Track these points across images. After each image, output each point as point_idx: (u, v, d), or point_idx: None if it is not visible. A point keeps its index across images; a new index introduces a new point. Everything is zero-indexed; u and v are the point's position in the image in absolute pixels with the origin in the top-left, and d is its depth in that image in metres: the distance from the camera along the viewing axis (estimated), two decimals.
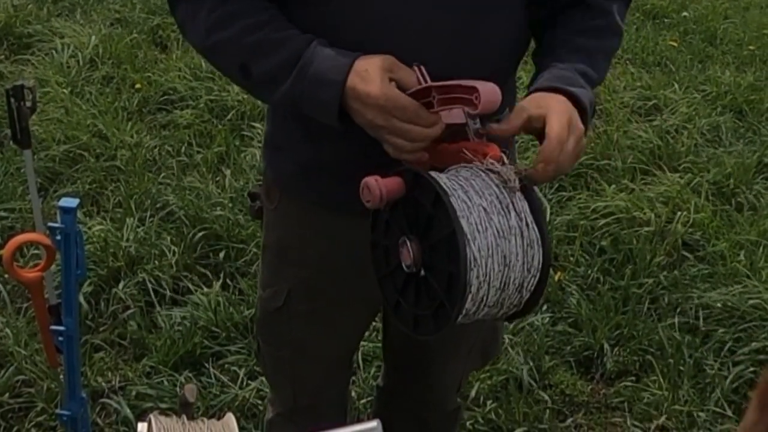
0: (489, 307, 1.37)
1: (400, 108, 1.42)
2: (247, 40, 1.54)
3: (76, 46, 5.22)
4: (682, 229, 3.86)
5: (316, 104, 1.49)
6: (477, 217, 1.34)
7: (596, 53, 1.67)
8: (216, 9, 1.56)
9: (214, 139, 4.40)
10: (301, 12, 1.57)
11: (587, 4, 1.69)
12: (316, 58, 1.48)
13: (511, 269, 1.35)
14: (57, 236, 2.02)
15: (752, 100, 5.19)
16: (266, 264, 1.97)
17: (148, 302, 3.35)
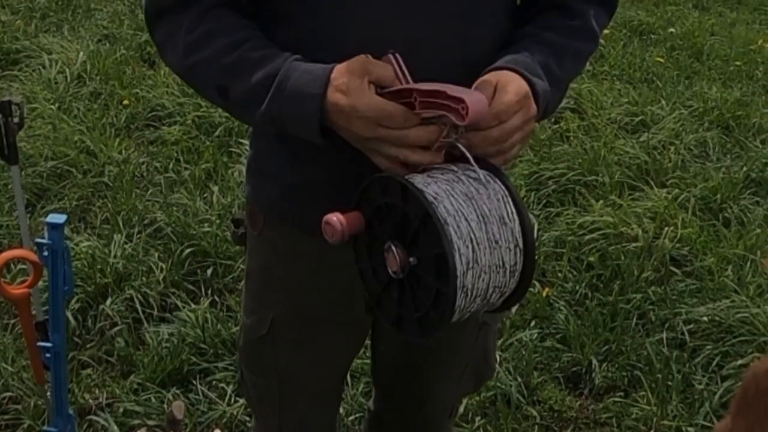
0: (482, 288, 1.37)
1: (388, 116, 1.38)
2: (224, 60, 1.51)
3: (64, 62, 5.22)
4: (669, 244, 3.86)
5: (297, 121, 1.45)
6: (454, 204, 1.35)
7: (563, 50, 1.63)
8: (193, 30, 1.53)
9: (201, 155, 4.39)
10: (283, 28, 1.56)
11: (563, 6, 1.67)
12: (293, 73, 1.45)
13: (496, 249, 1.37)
14: (44, 252, 2.02)
15: (739, 116, 5.21)
16: (250, 291, 1.93)
17: (136, 319, 3.34)
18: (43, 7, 6.21)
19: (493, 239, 1.36)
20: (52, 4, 6.26)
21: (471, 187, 1.38)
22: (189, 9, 1.54)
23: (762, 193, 4.44)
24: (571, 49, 1.65)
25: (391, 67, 1.42)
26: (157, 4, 1.58)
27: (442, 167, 1.42)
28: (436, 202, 1.34)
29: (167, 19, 1.57)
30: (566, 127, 4.89)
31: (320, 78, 1.42)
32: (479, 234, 1.35)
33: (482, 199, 1.37)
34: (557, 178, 4.33)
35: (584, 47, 1.68)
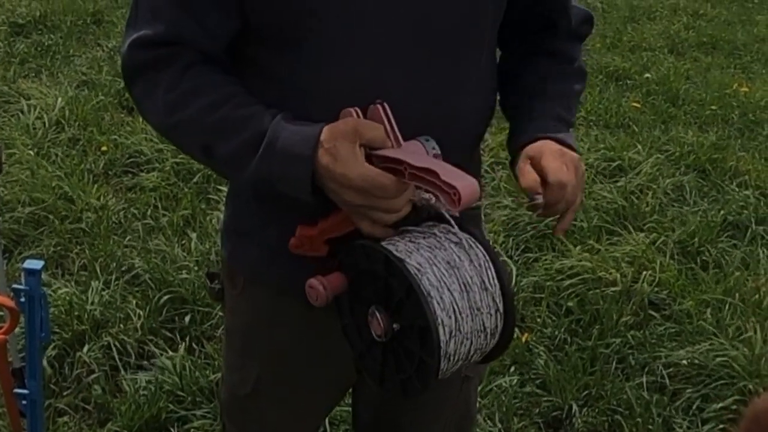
0: (464, 352, 1.39)
1: (381, 188, 1.37)
2: (208, 119, 1.49)
3: (43, 107, 5.22)
4: (648, 288, 3.87)
5: (288, 180, 1.44)
6: (437, 275, 1.37)
7: (569, 97, 1.73)
8: (173, 88, 1.51)
9: (180, 202, 4.39)
10: (264, 81, 1.55)
11: (558, 52, 1.75)
12: (281, 133, 1.44)
13: (478, 315, 1.39)
14: (21, 299, 2.00)
15: (715, 159, 5.25)
16: (232, 348, 1.91)
17: (113, 366, 3.32)
18: (22, 52, 6.21)
19: (475, 306, 1.38)
20: (31, 50, 6.27)
21: (453, 255, 1.40)
22: (168, 66, 1.52)
23: (739, 236, 4.46)
24: (573, 92, 1.75)
25: (382, 129, 1.42)
26: (135, 59, 1.55)
27: (423, 230, 1.44)
28: (420, 274, 1.35)
29: (145, 76, 1.55)
30: None
31: (310, 139, 1.41)
32: (462, 303, 1.37)
33: (464, 266, 1.39)
34: (535, 223, 4.33)
35: (581, 87, 1.79)
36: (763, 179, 5.07)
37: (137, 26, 1.55)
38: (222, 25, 1.53)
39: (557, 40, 1.77)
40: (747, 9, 9.40)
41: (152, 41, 1.52)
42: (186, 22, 1.51)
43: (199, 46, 1.53)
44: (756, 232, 4.47)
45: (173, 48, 1.52)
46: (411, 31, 1.51)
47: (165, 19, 1.51)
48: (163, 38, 1.51)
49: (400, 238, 1.42)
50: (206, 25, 1.51)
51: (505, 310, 1.42)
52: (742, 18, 8.94)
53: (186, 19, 1.51)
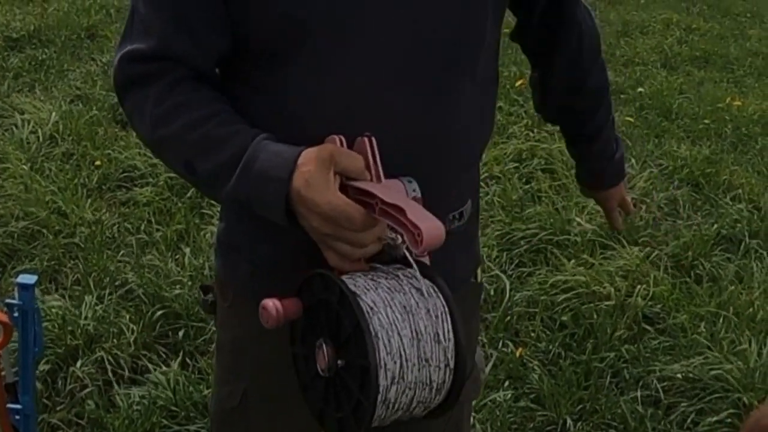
0: (405, 402, 1.35)
1: (347, 218, 1.35)
2: (191, 136, 1.48)
3: (36, 122, 5.22)
4: (642, 302, 3.87)
5: (262, 203, 1.43)
6: (389, 317, 1.34)
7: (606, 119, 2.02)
8: (161, 103, 1.51)
9: (173, 216, 4.38)
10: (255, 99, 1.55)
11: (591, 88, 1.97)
12: (260, 154, 1.43)
13: (425, 367, 1.35)
14: (14, 313, 2.00)
15: (708, 173, 5.26)
16: (221, 363, 1.91)
17: (106, 381, 3.31)
18: (16, 67, 6.22)
19: (424, 357, 1.34)
20: (25, 64, 6.27)
21: (411, 299, 1.36)
22: (158, 81, 1.52)
23: (733, 249, 4.47)
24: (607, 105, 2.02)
25: (361, 159, 1.40)
26: (126, 73, 1.56)
27: (388, 271, 1.41)
28: (371, 312, 1.32)
29: (136, 89, 1.55)
30: (537, 187, 4.91)
31: (287, 162, 1.40)
32: (410, 351, 1.33)
33: (420, 314, 1.35)
34: (529, 237, 4.34)
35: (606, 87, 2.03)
36: (757, 193, 5.08)
37: (130, 40, 1.55)
38: (213, 41, 1.53)
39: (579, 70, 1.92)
40: (739, 23, 9.44)
41: (143, 55, 1.52)
42: (177, 38, 1.51)
43: (190, 62, 1.53)
44: (750, 246, 4.47)
45: (164, 63, 1.52)
46: (403, 49, 1.50)
47: (157, 34, 1.51)
48: (154, 53, 1.51)
49: (363, 275, 1.39)
50: (198, 42, 1.51)
51: (456, 367, 1.36)
52: (734, 32, 8.98)
53: (177, 34, 1.50)
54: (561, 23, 1.82)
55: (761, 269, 4.26)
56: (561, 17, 1.81)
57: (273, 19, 1.48)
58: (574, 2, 1.81)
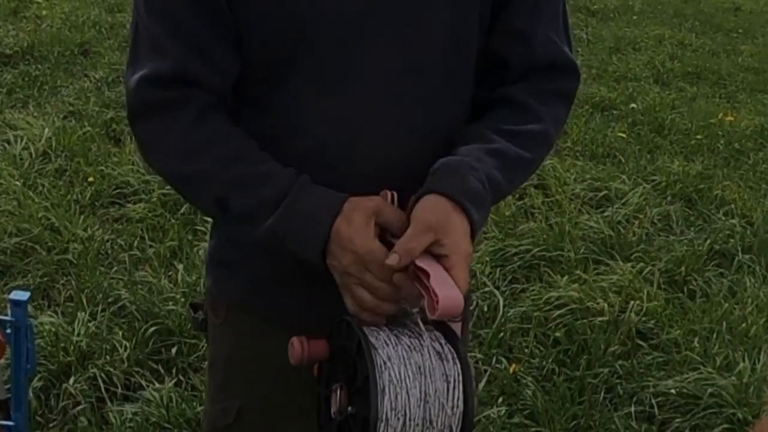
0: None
1: (378, 263, 1.39)
2: (225, 173, 1.48)
3: (29, 138, 5.21)
4: (635, 318, 3.87)
5: (300, 241, 1.45)
6: (401, 374, 1.35)
7: (517, 163, 1.58)
8: (187, 136, 1.50)
9: (166, 233, 4.38)
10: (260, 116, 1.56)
11: (521, 105, 1.61)
12: (302, 196, 1.45)
13: (429, 429, 1.36)
14: (7, 330, 1.99)
15: (701, 189, 5.28)
16: (214, 379, 1.89)
17: (99, 398, 3.29)
18: (9, 83, 6.22)
19: (428, 420, 1.35)
20: (18, 80, 6.27)
21: (428, 361, 1.38)
22: (180, 111, 1.51)
23: (726, 264, 4.47)
24: (524, 160, 1.60)
25: (399, 216, 1.44)
26: (144, 99, 1.53)
27: (413, 329, 1.43)
28: (384, 367, 1.34)
29: (154, 118, 1.53)
30: (530, 203, 4.92)
31: (333, 205, 1.44)
32: (415, 411, 1.34)
33: (435, 377, 1.37)
34: (522, 254, 4.34)
35: (537, 155, 1.63)
36: (749, 208, 5.09)
37: (141, 62, 1.52)
38: (229, 62, 1.52)
39: (514, 86, 1.62)
40: (732, 39, 9.48)
41: (161, 79, 1.50)
42: (194, 59, 1.49)
43: (209, 86, 1.52)
44: (742, 261, 4.48)
45: (184, 90, 1.50)
46: (402, 64, 1.52)
47: (169, 55, 1.49)
48: (171, 75, 1.49)
49: (388, 329, 1.42)
50: (214, 61, 1.51)
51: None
52: (726, 48, 9.01)
53: (193, 55, 1.49)
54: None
55: (754, 284, 4.27)
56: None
57: (267, 38, 1.49)
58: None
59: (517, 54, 1.61)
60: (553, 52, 1.63)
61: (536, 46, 1.61)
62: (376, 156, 1.53)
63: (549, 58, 1.63)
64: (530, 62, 1.61)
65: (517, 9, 1.58)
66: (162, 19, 1.49)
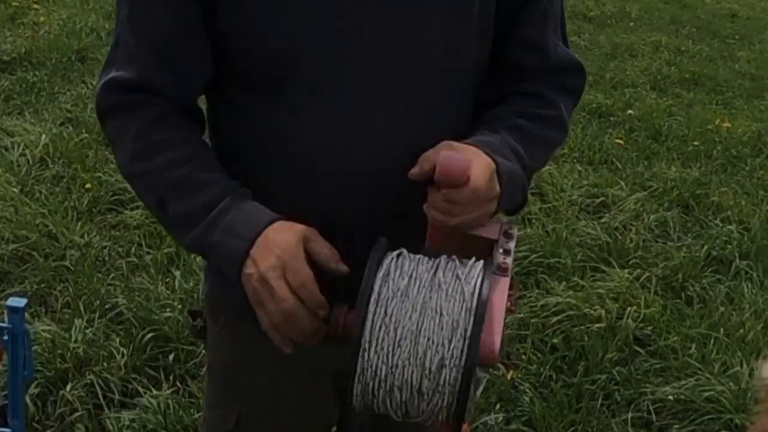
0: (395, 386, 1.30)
1: (296, 272, 1.39)
2: (168, 175, 1.50)
3: (27, 144, 5.20)
4: (633, 324, 3.87)
5: (222, 253, 1.46)
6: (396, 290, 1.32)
7: (534, 138, 1.63)
8: (141, 138, 1.52)
9: (164, 239, 4.37)
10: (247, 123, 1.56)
11: (535, 94, 1.67)
12: (236, 207, 1.46)
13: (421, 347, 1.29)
14: (4, 336, 1.99)
15: (698, 195, 5.28)
16: (212, 385, 1.90)
17: (96, 405, 3.29)
18: (7, 89, 6.21)
19: (418, 357, 1.29)
20: (16, 87, 6.26)
21: (438, 299, 1.31)
22: (139, 112, 1.54)
23: (723, 270, 4.48)
24: (542, 137, 1.65)
25: (330, 249, 1.43)
26: (106, 100, 1.57)
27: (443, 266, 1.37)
28: (383, 284, 1.31)
29: (117, 117, 1.57)
30: (527, 209, 4.92)
31: (261, 221, 1.44)
32: (405, 341, 1.29)
33: (439, 315, 1.30)
34: (520, 260, 4.34)
35: (555, 137, 1.69)
36: (746, 214, 5.10)
37: (113, 66, 1.56)
38: (196, 75, 1.55)
39: (528, 83, 1.68)
40: (728, 45, 9.49)
41: (124, 85, 1.54)
42: (160, 72, 1.52)
43: (172, 96, 1.54)
44: (740, 267, 4.48)
45: (144, 95, 1.53)
46: (392, 79, 1.52)
47: (138, 65, 1.52)
48: (134, 83, 1.53)
49: (417, 258, 1.37)
50: (180, 76, 1.54)
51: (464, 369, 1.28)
52: (723, 54, 9.02)
53: (159, 66, 1.52)
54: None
55: (751, 290, 4.27)
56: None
57: (258, 50, 1.50)
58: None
59: (533, 62, 1.66)
60: (564, 57, 1.70)
61: (550, 54, 1.67)
62: (369, 166, 1.53)
63: (560, 62, 1.69)
64: (545, 68, 1.67)
65: (528, 19, 1.63)
66: (137, 30, 1.52)
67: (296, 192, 1.56)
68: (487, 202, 1.45)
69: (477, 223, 1.46)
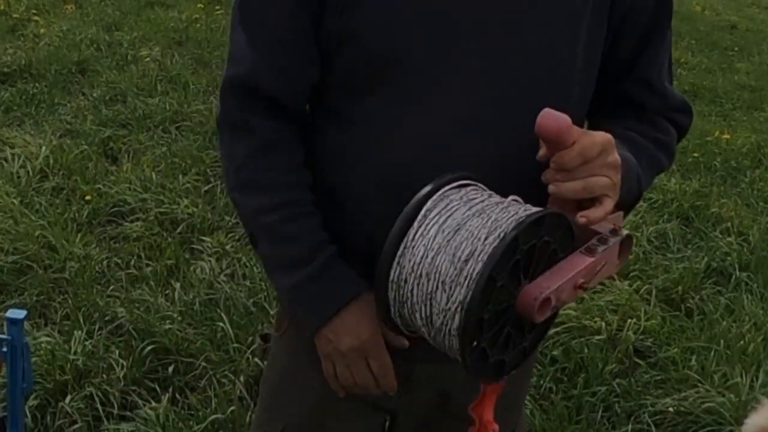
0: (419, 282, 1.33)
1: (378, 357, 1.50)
2: (262, 219, 1.56)
3: (27, 156, 5.21)
4: (633, 336, 3.87)
5: (306, 312, 1.55)
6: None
7: (643, 151, 1.63)
8: (242, 171, 1.58)
9: (163, 251, 4.37)
10: (341, 133, 1.58)
11: (650, 120, 1.69)
12: (329, 268, 1.53)
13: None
14: (3, 348, 1.99)
15: (698, 206, 5.28)
16: (261, 399, 1.91)
17: (96, 417, 3.28)
18: (7, 101, 6.22)
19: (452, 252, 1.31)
20: (16, 98, 6.27)
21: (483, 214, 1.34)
22: (248, 136, 1.58)
23: (723, 282, 4.48)
24: (652, 155, 1.66)
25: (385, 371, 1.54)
26: (222, 110, 1.62)
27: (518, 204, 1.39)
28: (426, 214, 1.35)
29: (227, 134, 1.62)
30: None
31: (352, 291, 1.53)
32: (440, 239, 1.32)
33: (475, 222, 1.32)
34: None
35: (662, 159, 1.70)
36: (746, 225, 5.10)
37: (229, 64, 1.61)
38: (305, 75, 1.58)
39: (644, 117, 1.70)
40: (728, 57, 9.51)
41: (239, 87, 1.58)
42: (271, 74, 1.56)
43: (282, 97, 1.57)
44: (740, 279, 4.48)
45: (257, 106, 1.57)
46: (486, 93, 1.51)
47: (246, 62, 1.57)
48: (244, 82, 1.57)
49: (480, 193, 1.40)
50: (289, 74, 1.57)
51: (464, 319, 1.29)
52: (722, 66, 9.04)
53: (272, 70, 1.56)
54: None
55: (751, 302, 4.27)
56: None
57: (361, 54, 1.51)
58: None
59: (652, 103, 1.71)
60: (679, 100, 1.76)
61: (668, 97, 1.73)
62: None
63: (676, 104, 1.75)
64: (662, 108, 1.72)
65: (649, 60, 1.68)
66: (250, 29, 1.57)
67: (384, 202, 1.53)
68: (601, 168, 1.40)
69: (593, 192, 1.40)
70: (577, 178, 1.37)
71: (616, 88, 1.68)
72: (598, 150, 1.38)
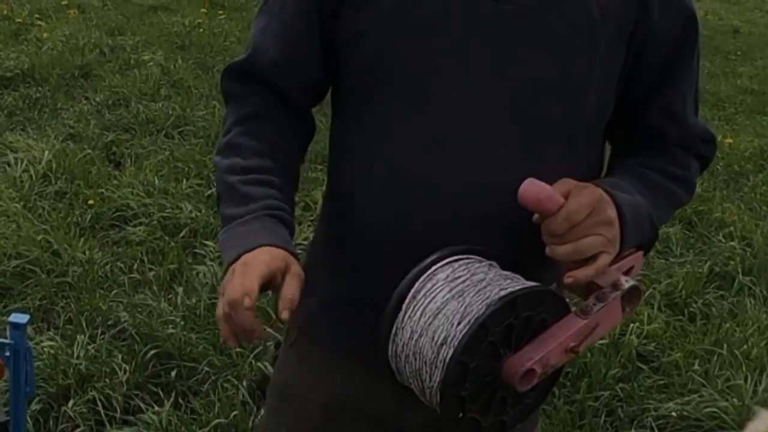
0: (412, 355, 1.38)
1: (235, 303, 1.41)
2: (228, 178, 1.58)
3: (30, 160, 5.21)
4: (636, 340, 3.87)
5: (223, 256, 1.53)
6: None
7: (658, 188, 1.62)
8: (226, 133, 1.63)
9: (166, 256, 4.37)
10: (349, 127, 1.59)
11: (667, 151, 1.67)
12: (247, 225, 1.51)
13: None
14: (6, 353, 1.99)
15: (701, 211, 5.28)
16: (267, 407, 1.91)
17: (98, 421, 3.28)
18: (10, 105, 6.23)
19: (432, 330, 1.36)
20: (19, 103, 6.28)
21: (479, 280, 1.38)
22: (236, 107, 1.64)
23: (726, 286, 4.47)
24: (668, 190, 1.66)
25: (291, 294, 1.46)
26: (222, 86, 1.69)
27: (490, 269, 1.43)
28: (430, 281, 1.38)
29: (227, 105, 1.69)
30: None
31: (249, 243, 1.48)
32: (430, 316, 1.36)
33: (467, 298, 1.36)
34: None
35: (680, 194, 1.69)
36: (749, 230, 5.09)
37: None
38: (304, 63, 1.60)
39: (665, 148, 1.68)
40: (730, 61, 9.51)
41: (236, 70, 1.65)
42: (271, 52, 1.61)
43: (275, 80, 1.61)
44: (743, 283, 4.48)
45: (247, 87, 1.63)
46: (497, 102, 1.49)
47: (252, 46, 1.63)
48: (244, 63, 1.63)
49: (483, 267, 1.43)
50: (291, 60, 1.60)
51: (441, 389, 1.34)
52: (725, 70, 9.04)
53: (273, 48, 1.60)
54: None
55: (754, 306, 4.26)
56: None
57: (369, 53, 1.52)
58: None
59: (674, 133, 1.68)
60: (702, 130, 1.74)
61: (691, 127, 1.70)
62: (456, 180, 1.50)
63: (699, 134, 1.73)
64: (684, 138, 1.70)
65: (673, 89, 1.65)
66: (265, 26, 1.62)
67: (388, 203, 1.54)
68: (592, 227, 1.41)
69: (584, 254, 1.42)
70: (567, 241, 1.40)
71: (639, 119, 1.66)
72: (585, 212, 1.39)
